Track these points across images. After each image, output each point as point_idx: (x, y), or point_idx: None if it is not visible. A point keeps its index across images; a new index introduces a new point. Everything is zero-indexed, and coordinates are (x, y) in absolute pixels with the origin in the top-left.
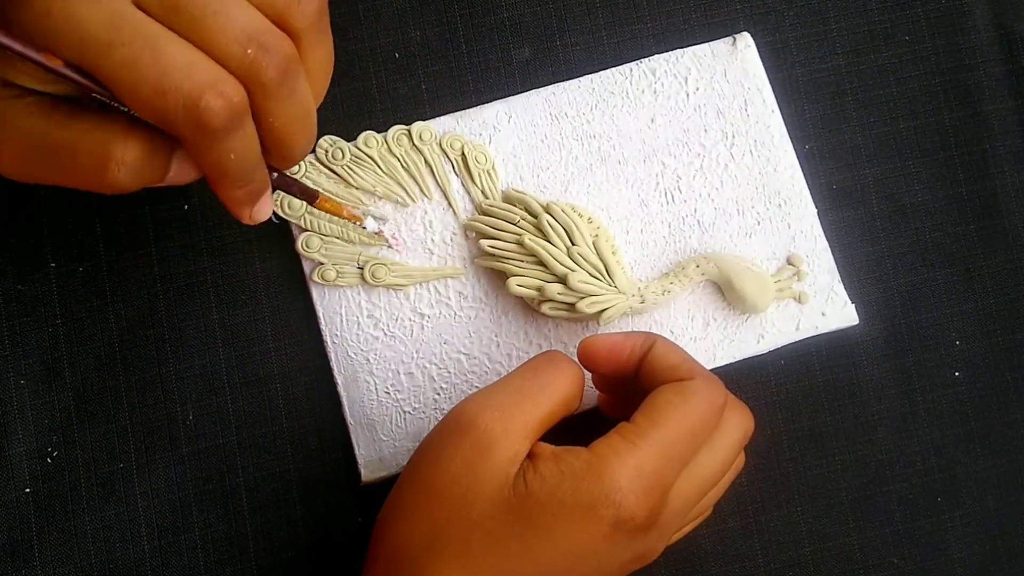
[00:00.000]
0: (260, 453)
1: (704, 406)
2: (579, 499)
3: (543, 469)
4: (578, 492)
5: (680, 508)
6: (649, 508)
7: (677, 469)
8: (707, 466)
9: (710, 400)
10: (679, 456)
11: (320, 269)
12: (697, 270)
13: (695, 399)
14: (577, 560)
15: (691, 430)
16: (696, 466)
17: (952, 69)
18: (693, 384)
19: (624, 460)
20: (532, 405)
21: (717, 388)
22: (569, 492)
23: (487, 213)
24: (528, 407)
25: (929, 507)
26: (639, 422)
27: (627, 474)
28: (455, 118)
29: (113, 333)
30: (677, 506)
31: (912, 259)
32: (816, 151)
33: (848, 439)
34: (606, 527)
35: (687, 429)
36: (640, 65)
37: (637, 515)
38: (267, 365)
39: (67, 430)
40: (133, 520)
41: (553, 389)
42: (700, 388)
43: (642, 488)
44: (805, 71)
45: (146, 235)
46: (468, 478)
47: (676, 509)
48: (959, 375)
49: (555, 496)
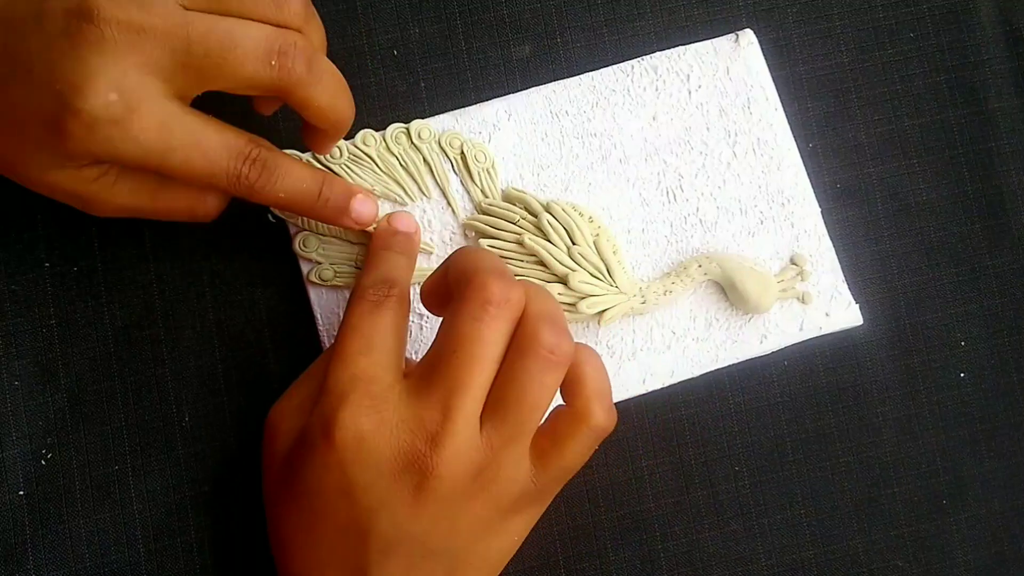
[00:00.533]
0: (257, 456)
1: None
2: (302, 442)
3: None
4: (301, 438)
5: (461, 428)
6: (357, 408)
7: (382, 362)
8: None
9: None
10: (370, 350)
11: (317, 269)
12: (699, 270)
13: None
14: (342, 500)
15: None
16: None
17: (957, 66)
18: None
19: (321, 394)
20: (304, 385)
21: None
22: (299, 442)
23: (486, 212)
24: (304, 386)
25: (934, 510)
26: None
27: (322, 400)
28: (454, 116)
29: (108, 334)
30: (456, 423)
31: (917, 259)
32: (820, 149)
33: (852, 441)
34: (335, 453)
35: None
36: (641, 63)
37: (341, 420)
38: (264, 366)
39: (61, 432)
40: (128, 523)
41: (321, 362)
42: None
43: (335, 398)
44: (809, 68)
45: (142, 235)
46: (267, 470)
47: (456, 428)
48: (965, 376)
49: (295, 451)
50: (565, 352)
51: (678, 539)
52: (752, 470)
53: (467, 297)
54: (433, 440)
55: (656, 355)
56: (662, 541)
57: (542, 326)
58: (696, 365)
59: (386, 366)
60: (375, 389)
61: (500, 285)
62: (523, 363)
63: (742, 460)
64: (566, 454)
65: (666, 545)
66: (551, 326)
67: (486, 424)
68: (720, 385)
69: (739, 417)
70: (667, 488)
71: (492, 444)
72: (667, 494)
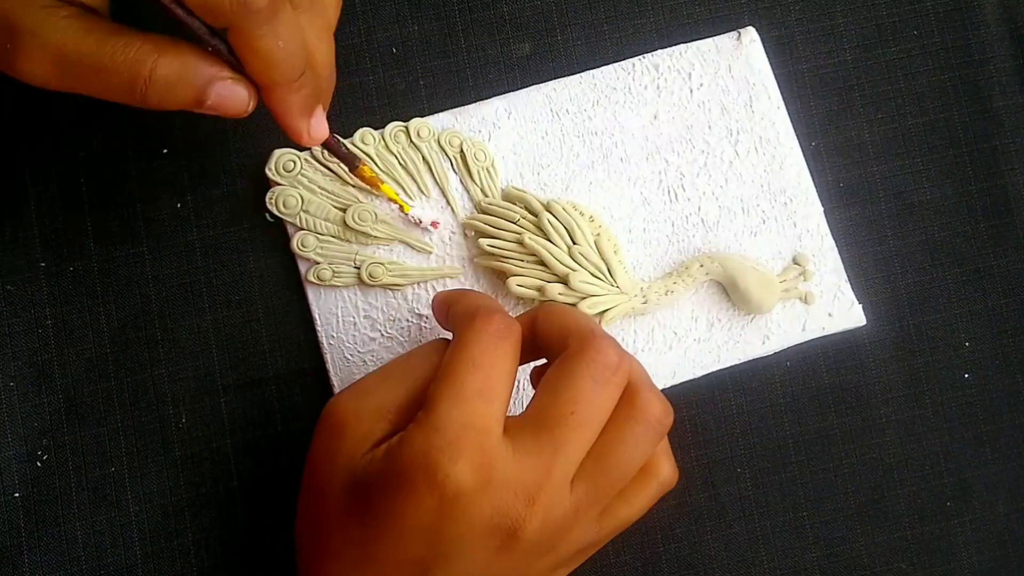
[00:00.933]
0: (255, 457)
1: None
2: (394, 472)
3: (380, 448)
4: (392, 466)
5: (556, 488)
6: (469, 464)
7: (497, 411)
8: (601, 445)
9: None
10: (488, 395)
11: (316, 269)
12: (701, 270)
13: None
14: (421, 542)
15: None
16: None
17: (961, 64)
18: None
19: (421, 423)
20: (389, 386)
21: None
22: (387, 467)
23: (486, 211)
24: (385, 388)
25: (938, 512)
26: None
27: (424, 434)
28: (454, 114)
29: (104, 334)
30: (553, 484)
31: (921, 258)
32: (822, 148)
33: (855, 442)
34: (432, 499)
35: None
36: (643, 60)
37: (453, 474)
38: (262, 367)
39: (57, 433)
40: (125, 526)
41: (415, 368)
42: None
43: (446, 443)
44: (811, 67)
45: (138, 234)
46: (327, 465)
47: (553, 488)
48: (969, 377)
49: (379, 474)
50: (669, 424)
51: (679, 541)
52: (754, 472)
53: (587, 359)
54: (532, 502)
55: (657, 356)
56: (663, 544)
57: (653, 396)
58: (698, 366)
59: (499, 417)
60: (487, 444)
61: (617, 351)
62: (632, 430)
63: (744, 462)
64: (631, 508)
65: (667, 548)
66: (659, 396)
67: (578, 484)
68: (722, 386)
69: (741, 418)
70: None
71: (579, 505)
72: (669, 496)
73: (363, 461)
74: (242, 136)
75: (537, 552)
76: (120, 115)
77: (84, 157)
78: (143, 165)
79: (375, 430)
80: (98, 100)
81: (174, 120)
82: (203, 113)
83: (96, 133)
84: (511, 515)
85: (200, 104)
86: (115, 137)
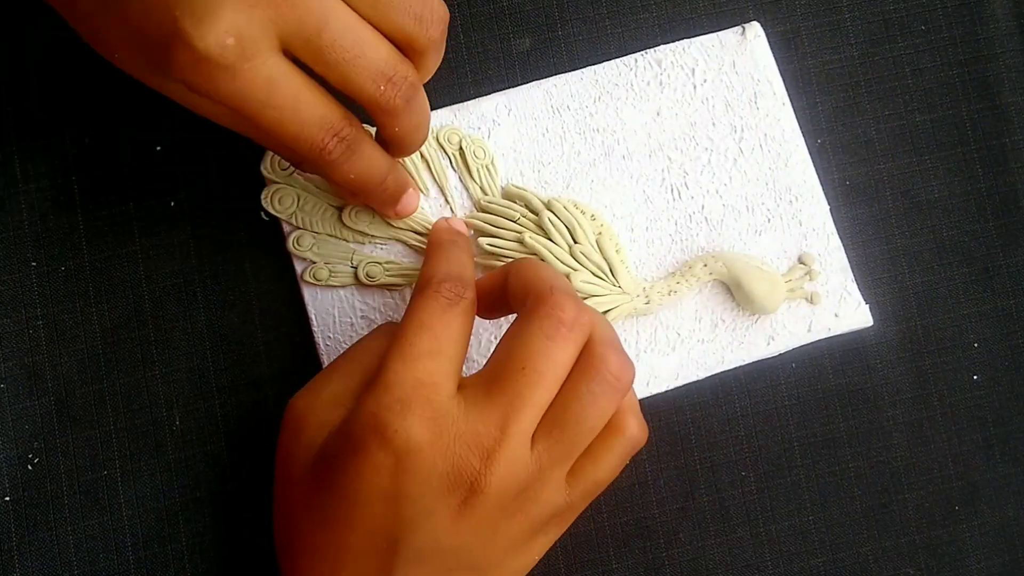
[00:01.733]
0: (250, 460)
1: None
2: (348, 440)
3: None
4: (346, 435)
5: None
6: (418, 419)
7: (447, 369)
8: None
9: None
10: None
11: (312, 268)
12: (705, 269)
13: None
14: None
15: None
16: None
17: (970, 60)
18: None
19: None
20: (342, 374)
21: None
22: (341, 439)
23: (486, 210)
24: (338, 377)
25: (946, 516)
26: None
27: (374, 396)
28: (452, 111)
29: (97, 335)
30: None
31: (928, 258)
32: (829, 145)
33: (862, 445)
34: (386, 457)
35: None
36: (645, 56)
37: (403, 428)
38: (257, 368)
39: (48, 436)
40: (117, 530)
41: (366, 352)
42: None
43: (394, 401)
44: (817, 62)
45: (131, 233)
46: (290, 461)
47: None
48: (978, 378)
49: (335, 448)
50: (628, 380)
51: (683, 546)
52: (759, 475)
53: (540, 314)
54: (487, 456)
55: (660, 357)
56: (666, 548)
57: (610, 351)
58: (701, 367)
59: (450, 374)
60: (437, 399)
61: (574, 306)
62: (588, 386)
63: (749, 465)
64: (600, 468)
65: (671, 553)
66: (618, 352)
67: (538, 443)
68: (726, 388)
69: (746, 421)
70: (672, 494)
71: (541, 463)
72: (672, 500)
73: (322, 443)
74: (237, 133)
75: (503, 513)
76: (112, 111)
77: (76, 154)
78: (136, 162)
79: (332, 417)
80: (89, 94)
81: (167, 117)
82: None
83: (88, 130)
84: (467, 470)
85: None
86: (107, 134)
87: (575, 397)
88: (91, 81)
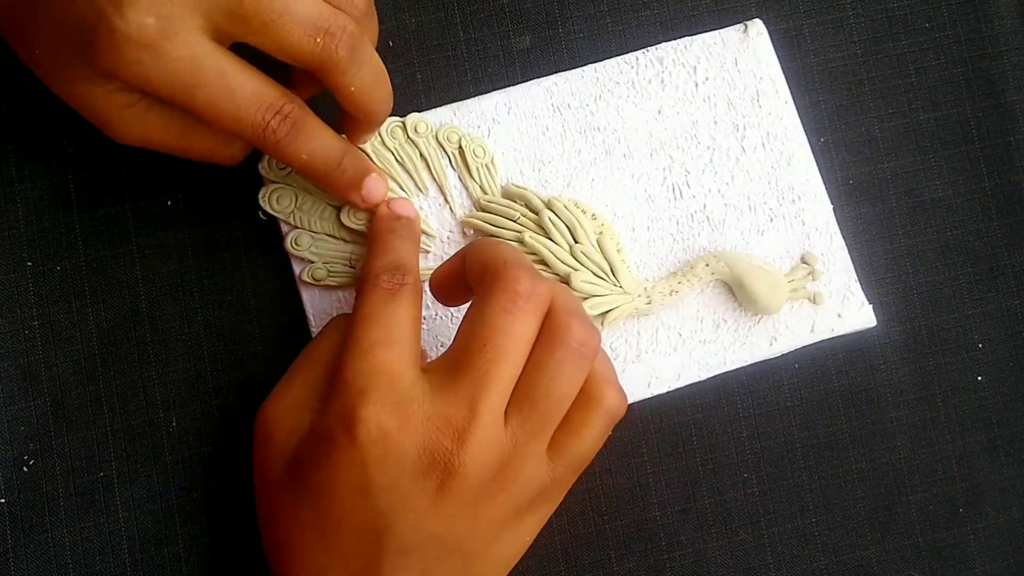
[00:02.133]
0: (248, 462)
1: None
2: (319, 437)
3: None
4: (315, 435)
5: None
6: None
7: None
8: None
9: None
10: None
11: (310, 268)
12: (706, 269)
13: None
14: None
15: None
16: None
17: (975, 58)
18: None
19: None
20: (302, 377)
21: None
22: (312, 440)
23: (486, 209)
24: (299, 380)
25: (950, 518)
26: None
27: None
28: (452, 109)
29: (93, 335)
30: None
31: (933, 257)
32: (832, 144)
33: (865, 447)
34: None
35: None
36: (647, 54)
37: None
38: (255, 369)
39: (44, 437)
40: (114, 532)
41: (322, 351)
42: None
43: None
44: (820, 60)
45: (127, 232)
46: (265, 469)
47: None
48: (982, 379)
49: (309, 448)
50: (594, 346)
51: (684, 549)
52: (761, 477)
53: (496, 290)
54: (459, 437)
55: (662, 357)
56: (668, 551)
57: (572, 320)
58: (703, 368)
59: (407, 360)
60: (399, 385)
61: (529, 278)
62: (553, 356)
63: (751, 467)
64: (582, 441)
65: (672, 555)
66: (581, 320)
67: (511, 419)
68: (728, 389)
69: (748, 422)
70: (673, 496)
71: (516, 439)
72: (673, 502)
73: (294, 447)
74: None
75: (484, 493)
76: None
77: (72, 154)
78: (132, 162)
79: (300, 420)
80: None
81: None
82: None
83: (84, 128)
84: (440, 451)
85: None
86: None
87: (542, 368)
88: None
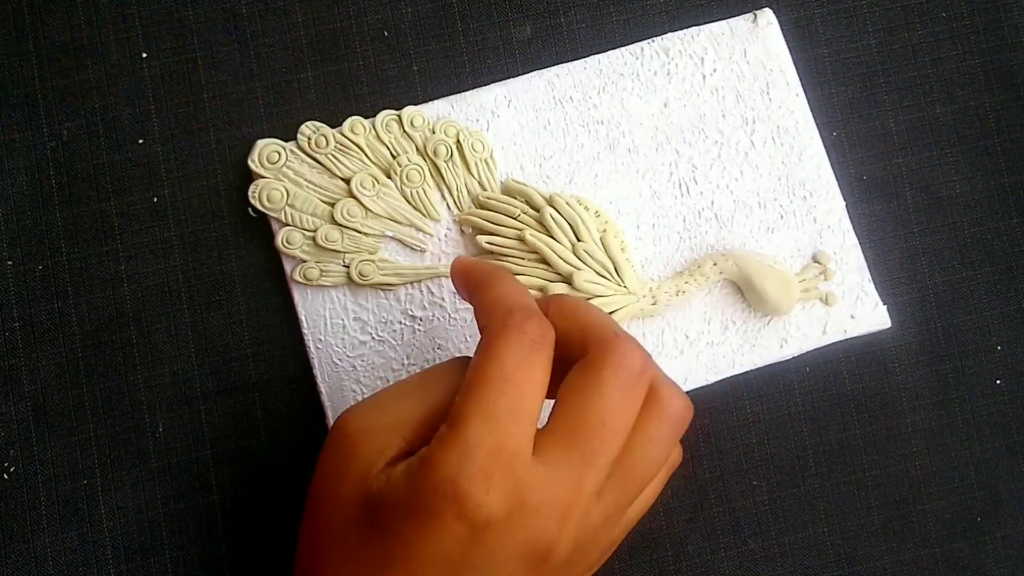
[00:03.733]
0: (236, 469)
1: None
2: (417, 497)
3: (396, 467)
4: (415, 490)
5: (586, 502)
6: (501, 492)
7: (528, 431)
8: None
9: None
10: (521, 414)
11: (302, 267)
12: (714, 268)
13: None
14: (446, 569)
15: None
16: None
17: (993, 49)
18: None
19: (447, 444)
20: (406, 402)
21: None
22: (408, 491)
23: (485, 206)
24: (401, 403)
25: (968, 528)
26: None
27: (452, 458)
28: (450, 102)
29: (76, 337)
30: (584, 499)
31: (949, 256)
32: (844, 138)
33: (880, 453)
34: (460, 528)
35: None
36: (652, 44)
37: (484, 503)
38: (244, 373)
39: (25, 444)
40: (98, 542)
41: (435, 384)
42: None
43: (476, 469)
44: (832, 51)
45: (112, 230)
46: (336, 485)
47: (583, 503)
48: (1001, 383)
49: (399, 497)
50: (690, 418)
51: (692, 559)
52: (771, 484)
53: (611, 365)
54: (562, 519)
55: (668, 360)
56: (675, 561)
57: (674, 393)
58: (711, 371)
59: (529, 436)
60: (519, 468)
61: (642, 355)
62: (659, 430)
63: (761, 474)
64: (648, 501)
65: (679, 566)
66: (679, 392)
67: (607, 492)
68: (737, 393)
69: (757, 427)
70: (680, 504)
71: (607, 513)
72: (680, 510)
73: (378, 481)
74: (223, 125)
75: (566, 567)
76: (91, 103)
77: (53, 148)
78: (117, 157)
79: (389, 447)
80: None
81: (149, 108)
82: None
83: (66, 122)
84: (544, 538)
85: None
86: (86, 127)
87: (645, 442)
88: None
